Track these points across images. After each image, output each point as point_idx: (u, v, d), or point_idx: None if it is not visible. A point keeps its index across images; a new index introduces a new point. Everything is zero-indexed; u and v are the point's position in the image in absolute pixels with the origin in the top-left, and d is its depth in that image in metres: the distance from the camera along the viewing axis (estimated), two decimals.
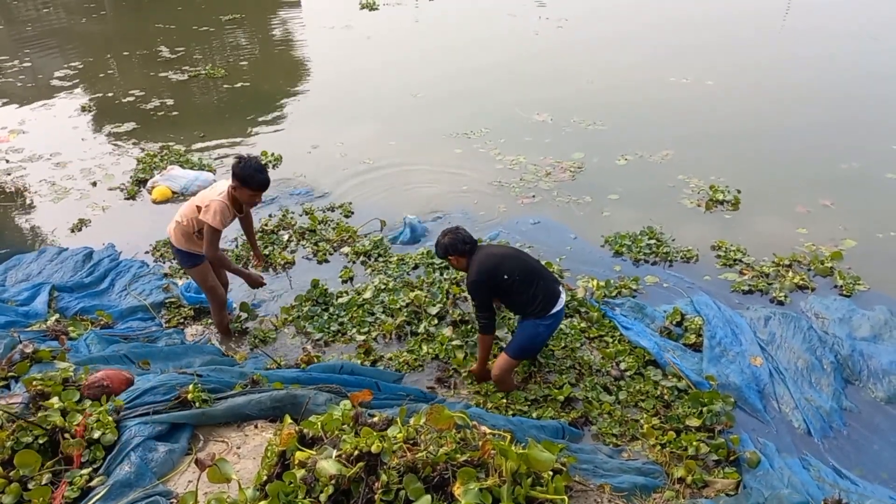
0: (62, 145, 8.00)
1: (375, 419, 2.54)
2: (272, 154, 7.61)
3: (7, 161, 7.71)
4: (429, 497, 2.16)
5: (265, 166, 4.21)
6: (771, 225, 6.17)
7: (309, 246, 5.93)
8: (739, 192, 6.55)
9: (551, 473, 2.41)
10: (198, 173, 6.96)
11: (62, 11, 15.28)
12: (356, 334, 4.78)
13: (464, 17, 14.35)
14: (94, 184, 7.13)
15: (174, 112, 9.04)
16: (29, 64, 11.28)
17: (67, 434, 2.64)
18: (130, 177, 7.17)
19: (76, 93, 9.87)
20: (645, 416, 3.98)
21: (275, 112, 9.11)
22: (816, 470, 3.52)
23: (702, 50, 11.37)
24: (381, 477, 2.20)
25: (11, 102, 9.54)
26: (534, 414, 3.97)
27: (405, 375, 4.35)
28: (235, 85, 10.03)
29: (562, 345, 4.55)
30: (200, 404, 3.02)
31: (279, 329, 4.90)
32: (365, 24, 13.43)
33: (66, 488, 2.44)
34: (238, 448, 2.91)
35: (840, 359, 4.45)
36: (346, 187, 7.01)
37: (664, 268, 5.58)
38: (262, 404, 3.11)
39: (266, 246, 5.89)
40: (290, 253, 5.84)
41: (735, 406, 4.05)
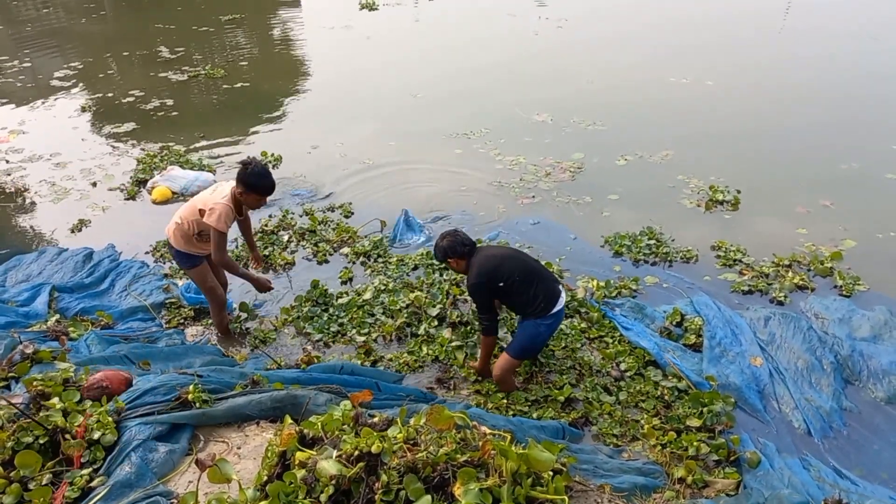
0: (62, 145, 8.00)
1: (376, 419, 2.54)
2: (272, 154, 7.62)
3: (7, 161, 7.71)
4: (429, 497, 2.16)
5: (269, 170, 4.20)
6: (771, 225, 6.18)
7: (309, 246, 5.93)
8: (739, 193, 6.56)
9: (551, 473, 2.41)
10: (198, 174, 6.97)
11: (62, 11, 15.27)
12: (356, 335, 4.78)
13: (464, 17, 14.35)
14: (94, 184, 7.13)
15: (174, 112, 9.05)
16: (29, 64, 11.28)
17: (68, 434, 2.65)
18: (130, 177, 7.17)
19: (76, 93, 9.87)
20: (645, 417, 3.98)
21: (274, 112, 9.11)
22: (816, 470, 3.52)
23: (702, 50, 11.37)
24: (382, 477, 2.20)
25: (11, 103, 9.54)
26: (534, 414, 3.97)
27: (405, 376, 4.36)
28: (235, 85, 10.03)
29: (562, 345, 4.55)
30: (201, 405, 3.03)
31: (279, 329, 4.91)
32: (365, 24, 13.43)
33: (67, 489, 2.44)
34: (238, 448, 2.92)
35: (840, 359, 4.45)
36: (346, 187, 7.02)
37: (664, 268, 5.58)
38: (263, 405, 3.12)
39: (266, 246, 5.89)
40: (290, 253, 5.85)
41: (735, 406, 4.05)
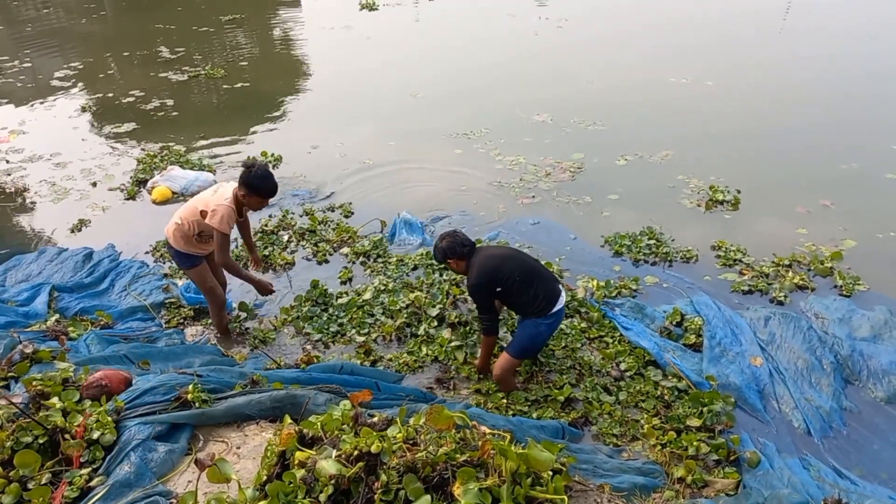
0: (62, 145, 8.00)
1: (375, 419, 2.54)
2: (272, 154, 7.62)
3: (7, 161, 7.72)
4: (428, 497, 2.16)
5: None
6: (771, 225, 6.17)
7: (309, 246, 5.93)
8: (739, 193, 6.55)
9: (551, 473, 2.41)
10: (198, 174, 6.97)
11: (62, 11, 15.28)
12: (356, 335, 4.78)
13: (464, 17, 14.34)
14: (94, 184, 7.13)
15: (174, 112, 9.05)
16: (29, 64, 11.28)
17: (67, 434, 2.64)
18: (130, 177, 7.17)
19: (76, 93, 9.87)
20: (645, 417, 3.98)
21: (274, 112, 9.12)
22: (816, 470, 3.52)
23: (702, 50, 11.36)
24: (381, 477, 2.20)
25: (11, 103, 9.55)
26: (534, 414, 3.97)
27: (405, 376, 4.36)
28: (235, 85, 10.03)
29: (562, 345, 4.55)
30: (200, 404, 3.03)
31: (278, 329, 4.91)
32: (364, 24, 13.43)
33: (66, 488, 2.44)
34: (238, 448, 2.92)
35: (840, 359, 4.45)
36: (346, 187, 7.01)
37: (664, 268, 5.58)
38: (262, 404, 3.11)
39: (266, 246, 5.89)
40: (290, 253, 5.85)
41: (735, 406, 4.05)
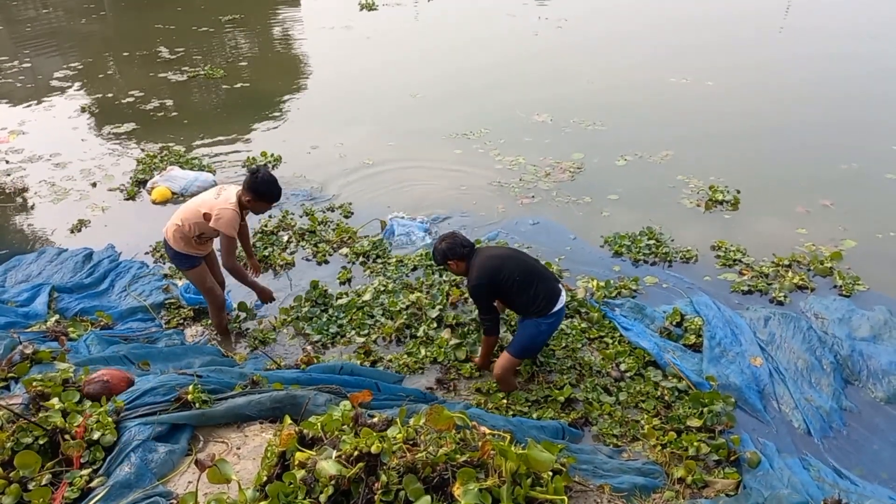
0: (62, 146, 8.00)
1: (375, 420, 2.54)
2: (272, 154, 7.62)
3: (7, 162, 7.71)
4: (428, 497, 2.16)
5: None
6: (771, 225, 6.17)
7: (309, 247, 5.93)
8: (739, 193, 6.56)
9: (551, 474, 2.41)
10: (197, 174, 6.97)
11: (62, 11, 15.27)
12: (356, 336, 4.77)
13: (463, 17, 14.34)
14: (94, 184, 7.13)
15: (174, 112, 9.04)
16: (29, 64, 11.28)
17: (67, 435, 2.64)
18: (130, 177, 7.17)
19: (76, 93, 9.87)
20: (645, 417, 3.98)
21: (274, 112, 9.11)
22: (816, 470, 3.52)
23: (702, 50, 11.36)
24: (381, 477, 2.20)
25: (11, 103, 9.54)
26: (534, 414, 3.97)
27: (405, 377, 4.35)
28: (235, 85, 10.03)
29: (562, 345, 4.55)
30: (200, 405, 3.02)
31: (278, 330, 4.90)
32: (364, 25, 13.42)
33: (66, 489, 2.44)
34: (238, 449, 2.92)
35: (840, 359, 4.45)
36: (346, 188, 7.01)
37: (664, 268, 5.58)
38: (262, 405, 3.11)
39: (266, 247, 5.89)
40: (290, 254, 5.84)
41: (735, 406, 4.05)
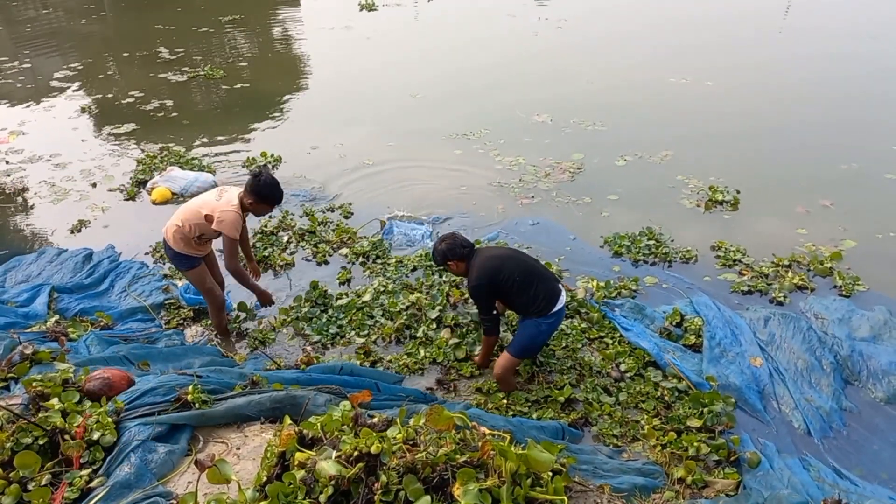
0: (62, 146, 7.99)
1: (375, 420, 2.54)
2: (272, 155, 7.62)
3: (7, 162, 7.71)
4: (428, 498, 2.16)
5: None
6: (770, 225, 6.17)
7: (308, 247, 5.93)
8: (739, 193, 6.55)
9: (551, 474, 2.41)
10: (197, 174, 6.97)
11: (62, 12, 15.27)
12: (355, 337, 4.77)
13: (463, 17, 14.34)
14: (94, 185, 7.13)
15: (174, 113, 9.04)
16: (29, 65, 11.28)
17: (67, 435, 2.64)
18: (130, 178, 7.17)
19: (76, 94, 9.86)
20: (645, 417, 3.98)
21: (274, 113, 9.11)
22: (816, 470, 3.52)
23: (702, 50, 11.36)
24: (381, 478, 2.20)
25: (11, 103, 9.54)
26: (534, 415, 3.98)
27: (405, 377, 4.35)
28: (235, 86, 10.03)
29: (562, 345, 4.55)
30: (200, 405, 3.03)
31: (278, 330, 4.90)
32: (364, 25, 13.42)
33: (66, 489, 2.44)
34: (238, 449, 2.92)
35: (840, 359, 4.45)
36: (346, 188, 7.01)
37: (663, 268, 5.58)
38: (262, 405, 3.12)
39: (266, 247, 5.89)
40: (290, 254, 5.84)
41: (735, 406, 4.05)
